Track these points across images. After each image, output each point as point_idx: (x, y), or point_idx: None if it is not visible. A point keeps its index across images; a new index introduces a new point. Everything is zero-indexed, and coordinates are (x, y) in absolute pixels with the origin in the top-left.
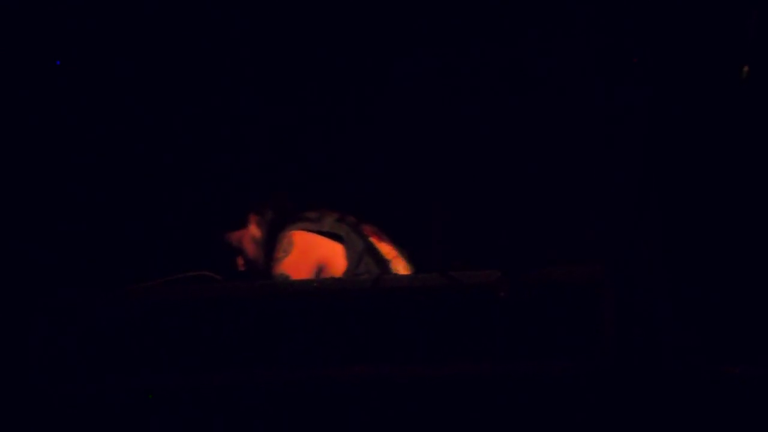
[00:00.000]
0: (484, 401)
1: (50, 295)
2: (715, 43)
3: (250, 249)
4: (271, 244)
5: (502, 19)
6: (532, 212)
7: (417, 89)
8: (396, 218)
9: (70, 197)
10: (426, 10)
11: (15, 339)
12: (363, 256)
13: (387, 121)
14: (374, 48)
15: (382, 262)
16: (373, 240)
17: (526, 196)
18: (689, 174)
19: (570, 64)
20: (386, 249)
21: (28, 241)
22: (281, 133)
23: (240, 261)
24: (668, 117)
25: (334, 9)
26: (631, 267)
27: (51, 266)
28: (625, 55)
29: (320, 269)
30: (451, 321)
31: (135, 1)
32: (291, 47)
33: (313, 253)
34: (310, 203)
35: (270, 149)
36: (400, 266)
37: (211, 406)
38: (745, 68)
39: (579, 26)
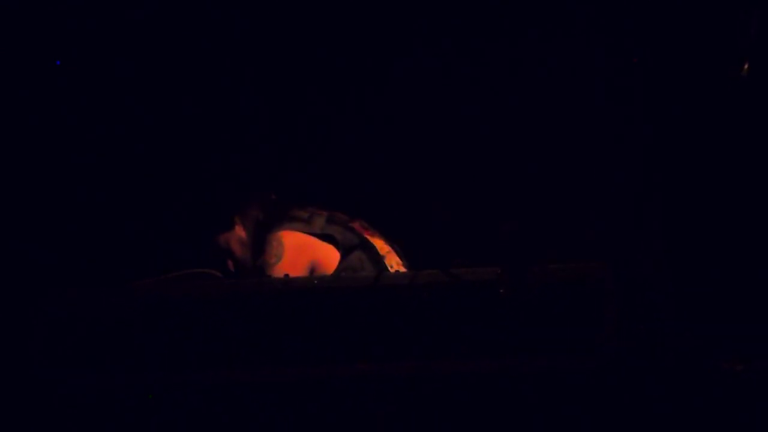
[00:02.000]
0: (485, 398)
1: (50, 293)
2: (715, 44)
3: (238, 251)
4: (258, 245)
5: (502, 19)
6: (534, 211)
7: (417, 89)
8: (397, 216)
9: (69, 197)
10: (426, 10)
11: (16, 336)
12: (357, 253)
13: (387, 121)
14: (374, 48)
15: (377, 258)
16: (366, 236)
17: (528, 195)
18: (690, 172)
19: (570, 64)
20: (379, 244)
21: (28, 241)
22: (281, 133)
23: (230, 263)
24: (669, 116)
25: (334, 8)
26: (634, 265)
27: (51, 265)
28: (625, 55)
29: (313, 271)
30: (452, 318)
31: (135, 1)
32: (291, 47)
33: (305, 254)
34: (300, 201)
35: (270, 149)
36: (394, 261)
37: (210, 403)
38: (746, 65)
39: (579, 26)
